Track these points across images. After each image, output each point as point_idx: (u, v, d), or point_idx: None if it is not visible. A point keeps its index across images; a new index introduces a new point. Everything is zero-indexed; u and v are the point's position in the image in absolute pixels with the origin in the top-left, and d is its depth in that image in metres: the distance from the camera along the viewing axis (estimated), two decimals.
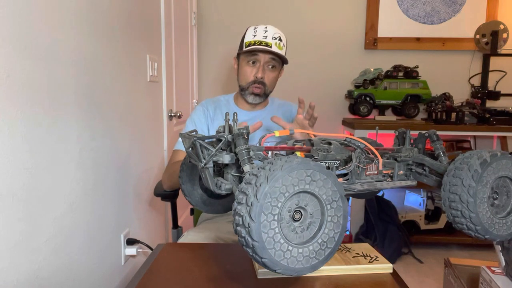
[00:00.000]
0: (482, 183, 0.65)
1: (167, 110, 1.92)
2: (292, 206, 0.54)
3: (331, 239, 0.55)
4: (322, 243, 0.55)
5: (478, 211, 0.65)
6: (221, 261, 0.85)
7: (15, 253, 0.82)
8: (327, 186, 0.54)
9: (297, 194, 0.53)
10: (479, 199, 0.65)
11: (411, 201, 2.69)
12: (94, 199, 1.18)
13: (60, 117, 0.99)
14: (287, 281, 0.75)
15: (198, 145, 0.64)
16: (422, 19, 2.66)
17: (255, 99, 1.38)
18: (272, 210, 0.51)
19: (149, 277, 0.79)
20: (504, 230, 0.68)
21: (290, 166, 0.52)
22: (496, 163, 0.67)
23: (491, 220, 0.67)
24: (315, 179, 0.53)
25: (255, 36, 1.33)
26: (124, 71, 1.42)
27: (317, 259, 0.55)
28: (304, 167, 0.52)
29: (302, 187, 0.52)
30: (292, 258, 0.53)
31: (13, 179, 0.81)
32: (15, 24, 0.82)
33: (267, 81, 1.36)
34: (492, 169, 0.66)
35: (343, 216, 0.56)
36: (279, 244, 0.52)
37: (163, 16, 1.84)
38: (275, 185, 0.51)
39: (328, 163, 0.67)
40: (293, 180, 0.52)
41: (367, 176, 0.71)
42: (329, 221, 0.55)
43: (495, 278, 0.78)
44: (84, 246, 1.13)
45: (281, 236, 0.52)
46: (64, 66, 1.01)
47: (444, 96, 2.50)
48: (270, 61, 1.33)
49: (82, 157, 1.10)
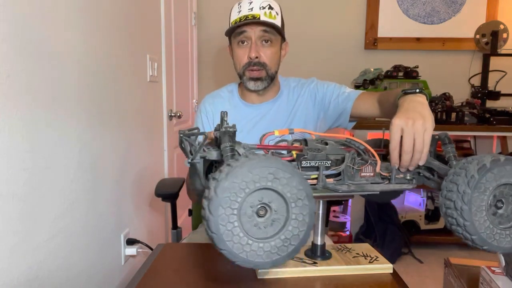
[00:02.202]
0: (479, 190, 0.62)
1: (167, 110, 1.92)
2: (255, 202, 0.54)
3: (295, 237, 0.56)
4: (286, 240, 0.56)
5: (473, 220, 0.62)
6: (221, 261, 0.84)
7: (15, 253, 0.82)
8: (292, 184, 0.54)
9: (260, 191, 0.54)
10: (476, 207, 0.62)
11: (411, 201, 2.69)
12: (94, 199, 1.18)
13: (60, 117, 0.99)
14: (287, 281, 0.75)
15: (184, 141, 0.66)
16: (422, 19, 2.66)
17: (256, 84, 1.16)
18: (231, 205, 0.52)
19: (149, 277, 0.79)
20: (507, 242, 0.64)
21: (252, 163, 0.53)
22: (498, 169, 0.62)
23: (491, 230, 0.63)
24: (278, 176, 0.54)
25: (240, 12, 1.14)
26: (124, 71, 1.42)
27: (279, 255, 0.56)
28: (267, 165, 0.53)
29: (264, 184, 0.53)
30: (252, 252, 0.54)
31: (13, 179, 0.81)
32: (15, 24, 0.82)
33: (266, 60, 1.14)
34: (492, 175, 0.62)
35: (309, 215, 0.56)
36: (238, 237, 0.53)
37: (163, 16, 1.84)
38: (234, 181, 0.52)
39: (318, 163, 0.67)
40: (253, 177, 0.53)
41: (362, 178, 0.71)
42: (294, 219, 0.55)
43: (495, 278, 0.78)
44: (84, 246, 1.13)
45: (240, 230, 0.53)
46: (64, 66, 1.01)
47: (444, 96, 2.50)
48: (262, 35, 1.13)
49: (82, 157, 1.10)
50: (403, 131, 0.71)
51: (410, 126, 0.70)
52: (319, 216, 0.82)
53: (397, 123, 0.71)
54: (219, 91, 1.30)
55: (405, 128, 0.71)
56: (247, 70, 1.15)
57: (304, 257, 0.83)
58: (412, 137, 0.70)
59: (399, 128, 0.71)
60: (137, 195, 1.56)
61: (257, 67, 1.14)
